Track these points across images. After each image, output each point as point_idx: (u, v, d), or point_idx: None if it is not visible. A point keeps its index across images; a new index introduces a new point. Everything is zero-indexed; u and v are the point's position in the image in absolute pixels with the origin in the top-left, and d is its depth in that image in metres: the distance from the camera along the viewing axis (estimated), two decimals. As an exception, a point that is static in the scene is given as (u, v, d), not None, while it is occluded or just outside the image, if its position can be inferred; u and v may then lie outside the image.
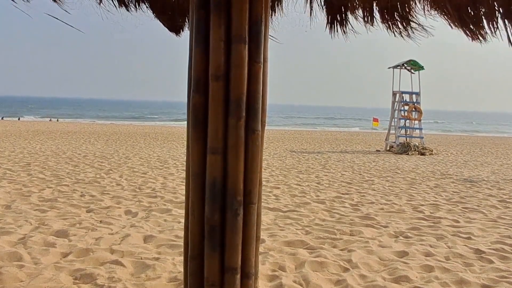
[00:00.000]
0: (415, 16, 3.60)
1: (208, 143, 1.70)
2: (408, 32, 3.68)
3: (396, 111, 18.84)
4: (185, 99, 1.85)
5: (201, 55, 1.62)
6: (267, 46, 1.72)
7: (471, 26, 3.42)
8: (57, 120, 41.88)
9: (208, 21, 1.59)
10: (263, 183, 7.82)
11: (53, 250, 3.87)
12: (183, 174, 9.04)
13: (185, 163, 8.04)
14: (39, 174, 8.58)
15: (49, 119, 43.79)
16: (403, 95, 18.85)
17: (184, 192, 6.90)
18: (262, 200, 6.36)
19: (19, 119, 41.85)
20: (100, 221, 5.11)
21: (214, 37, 1.58)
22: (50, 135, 20.45)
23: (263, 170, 8.96)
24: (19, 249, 3.84)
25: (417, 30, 3.65)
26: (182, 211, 5.61)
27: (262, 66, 1.68)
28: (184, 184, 7.95)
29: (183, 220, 4.66)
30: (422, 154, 16.47)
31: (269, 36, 3.68)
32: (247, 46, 1.61)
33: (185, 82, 1.79)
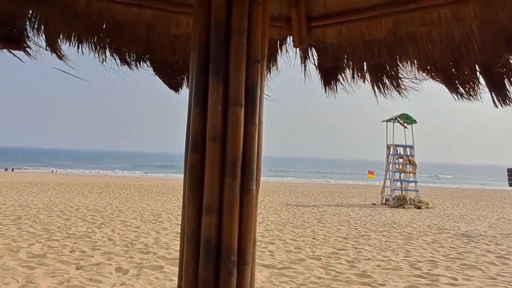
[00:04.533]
0: (403, 75, 3.75)
1: (204, 202, 1.71)
2: (397, 91, 3.82)
3: (391, 164, 18.97)
4: (181, 150, 1.89)
5: (199, 116, 1.68)
6: (263, 108, 1.79)
7: (456, 86, 3.56)
8: (56, 172, 41.86)
9: (207, 84, 1.66)
10: (258, 238, 7.71)
11: (40, 310, 3.74)
12: (177, 229, 8.91)
13: (178, 217, 7.98)
14: (29, 228, 8.42)
15: (52, 170, 43.77)
16: (397, 148, 19.09)
17: (177, 248, 6.75)
18: (257, 256, 6.24)
19: (12, 170, 41.58)
20: (90, 279, 4.97)
21: (212, 100, 1.64)
22: (43, 187, 20.26)
23: (258, 224, 8.81)
24: (5, 309, 3.71)
25: (406, 89, 3.79)
26: (175, 268, 5.48)
27: (257, 128, 1.73)
28: (178, 239, 7.78)
29: (175, 278, 4.53)
30: (418, 207, 16.41)
31: (264, 95, 3.82)
32: (243, 109, 1.67)
33: (182, 132, 1.84)
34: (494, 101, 3.28)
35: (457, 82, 3.48)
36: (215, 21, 1.68)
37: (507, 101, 3.27)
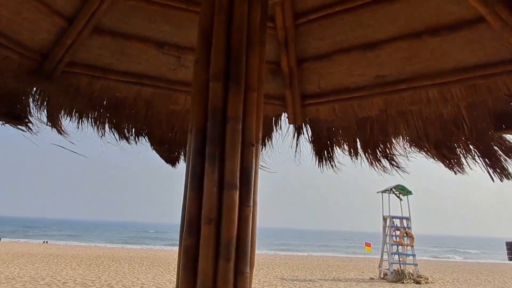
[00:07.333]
0: (396, 151, 3.83)
1: (198, 285, 1.68)
2: (390, 167, 3.88)
3: (388, 236, 18.60)
4: (173, 220, 1.88)
5: (194, 198, 1.70)
6: (257, 190, 1.82)
7: (449, 161, 3.63)
8: (47, 242, 40.71)
9: (203, 167, 1.70)
10: (253, 316, 7.36)
11: None
12: (168, 305, 8.52)
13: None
14: (13, 304, 8.02)
15: (43, 241, 42.60)
16: (394, 220, 18.83)
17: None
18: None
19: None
20: None
21: (208, 183, 1.67)
22: (30, 258, 19.58)
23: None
24: None
25: (398, 165, 3.86)
26: None
27: (251, 209, 1.75)
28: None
29: None
30: (418, 282, 15.88)
31: (262, 167, 3.87)
32: (238, 191, 1.70)
33: (175, 202, 1.85)
34: (490, 176, 3.34)
35: (448, 157, 3.56)
36: (212, 108, 1.76)
37: (503, 175, 3.32)
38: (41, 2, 2.86)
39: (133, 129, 3.78)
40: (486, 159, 3.39)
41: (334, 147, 4.07)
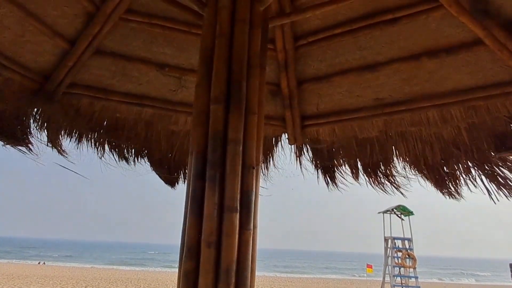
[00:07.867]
0: (397, 172, 3.82)
1: (197, 311, 1.65)
2: (391, 187, 3.86)
3: (390, 258, 18.32)
4: (178, 241, 1.85)
5: (194, 221, 1.69)
6: (257, 213, 1.80)
7: (446, 185, 3.60)
8: (44, 263, 39.96)
9: (203, 190, 1.69)
10: None
11: None
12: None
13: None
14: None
15: (38, 262, 41.81)
16: (395, 241, 18.56)
17: None
18: None
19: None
20: None
21: (208, 206, 1.66)
22: (25, 280, 19.29)
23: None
24: None
25: (399, 185, 3.84)
26: None
27: (251, 232, 1.73)
28: None
29: None
30: (420, 305, 15.55)
31: (262, 187, 3.85)
32: (238, 214, 1.68)
33: (179, 224, 1.82)
34: (490, 196, 3.30)
35: (447, 181, 3.54)
36: (213, 131, 1.76)
37: (507, 193, 3.28)
38: (44, 24, 2.88)
39: (133, 150, 3.77)
40: (487, 179, 3.37)
41: (335, 168, 4.06)
